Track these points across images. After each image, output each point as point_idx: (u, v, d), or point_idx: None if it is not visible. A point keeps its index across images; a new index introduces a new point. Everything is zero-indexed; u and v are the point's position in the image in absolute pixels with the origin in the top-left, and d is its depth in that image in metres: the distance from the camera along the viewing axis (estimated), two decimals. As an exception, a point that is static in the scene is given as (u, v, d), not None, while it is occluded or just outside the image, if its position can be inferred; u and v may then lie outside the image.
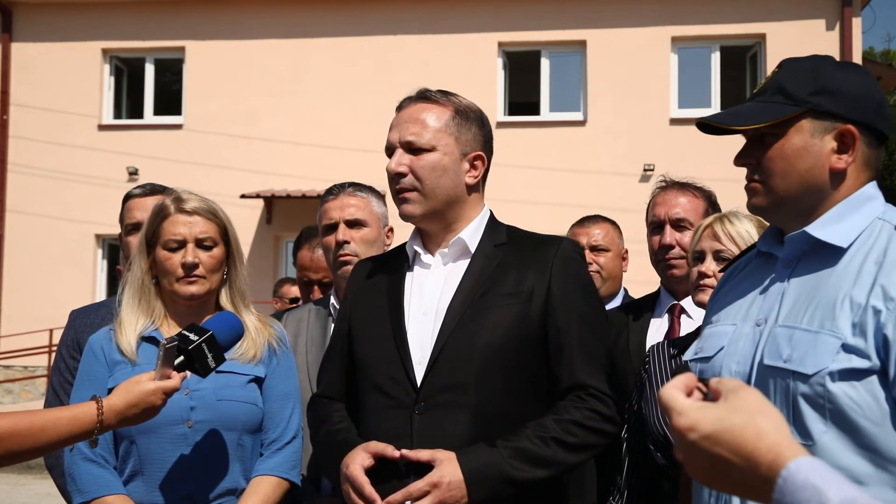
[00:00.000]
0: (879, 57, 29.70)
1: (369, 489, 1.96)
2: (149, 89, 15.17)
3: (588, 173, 13.73)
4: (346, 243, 2.80)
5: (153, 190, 2.96)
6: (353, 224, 2.84)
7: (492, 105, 13.67)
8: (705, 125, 1.74)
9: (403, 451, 1.97)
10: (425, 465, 1.95)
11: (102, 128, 14.89)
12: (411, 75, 12.68)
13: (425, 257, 2.20)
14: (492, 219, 2.24)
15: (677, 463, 1.14)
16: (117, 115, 15.41)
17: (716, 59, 14.24)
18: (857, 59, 13.57)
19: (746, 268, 1.84)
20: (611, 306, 3.28)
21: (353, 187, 2.93)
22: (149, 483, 2.26)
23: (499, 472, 1.94)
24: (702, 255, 2.41)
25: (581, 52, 14.31)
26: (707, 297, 2.20)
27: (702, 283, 2.37)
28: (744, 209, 1.91)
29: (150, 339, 2.33)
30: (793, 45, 12.86)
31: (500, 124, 13.76)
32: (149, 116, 15.18)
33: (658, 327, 2.87)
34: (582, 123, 14.19)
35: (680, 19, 14.02)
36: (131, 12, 14.85)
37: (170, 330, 2.34)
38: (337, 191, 2.92)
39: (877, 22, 59.29)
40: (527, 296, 2.08)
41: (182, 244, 2.34)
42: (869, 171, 1.68)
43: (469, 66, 13.94)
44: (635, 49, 13.97)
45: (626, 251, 3.62)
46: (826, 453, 1.49)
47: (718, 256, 2.37)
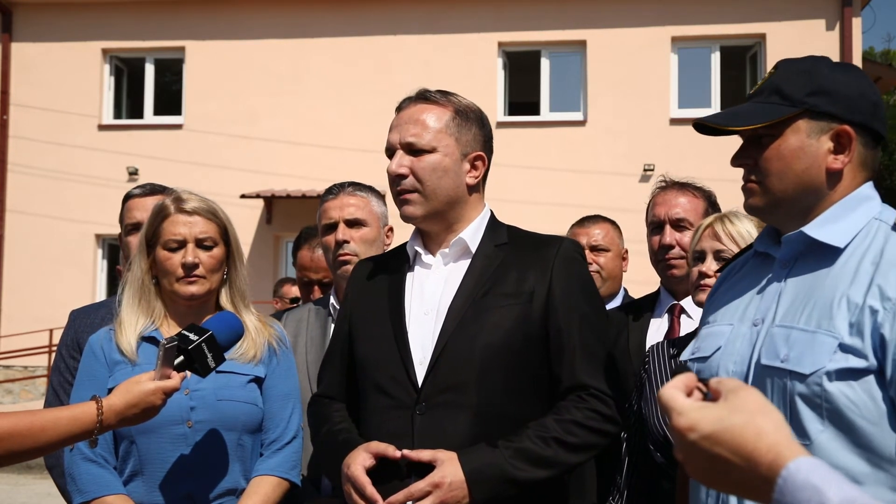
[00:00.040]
0: (879, 57, 29.69)
1: (371, 489, 1.95)
2: (149, 89, 15.16)
3: (588, 173, 13.73)
4: (346, 243, 2.80)
5: (153, 190, 2.96)
6: (353, 223, 2.84)
7: (492, 105, 13.67)
8: (702, 126, 1.74)
9: (405, 452, 1.97)
10: (426, 466, 1.95)
11: (102, 128, 14.89)
12: (411, 75, 12.68)
13: (426, 257, 2.20)
14: (492, 219, 2.24)
15: (677, 463, 1.14)
16: (117, 115, 15.41)
17: (716, 59, 14.23)
18: (857, 59, 13.56)
19: (743, 268, 1.84)
20: (611, 306, 3.28)
21: (352, 187, 2.93)
22: (149, 483, 2.26)
23: (500, 473, 1.94)
24: (702, 255, 2.41)
25: (581, 52, 14.31)
26: (708, 298, 2.20)
27: (702, 283, 2.37)
28: (743, 209, 1.92)
29: (150, 339, 2.33)
30: (793, 45, 12.86)
31: (500, 124, 13.76)
32: (149, 116, 15.18)
33: (658, 327, 2.87)
34: (582, 123, 14.19)
35: (680, 19, 14.01)
36: (131, 12, 14.85)
37: (170, 330, 2.34)
38: (337, 190, 2.92)
39: (877, 22, 59.33)
40: (528, 296, 2.08)
41: (182, 244, 2.34)
42: (865, 171, 1.68)
43: (469, 66, 13.94)
44: (635, 49, 13.97)
45: (626, 251, 3.62)
46: (823, 453, 1.49)
47: (719, 256, 2.36)
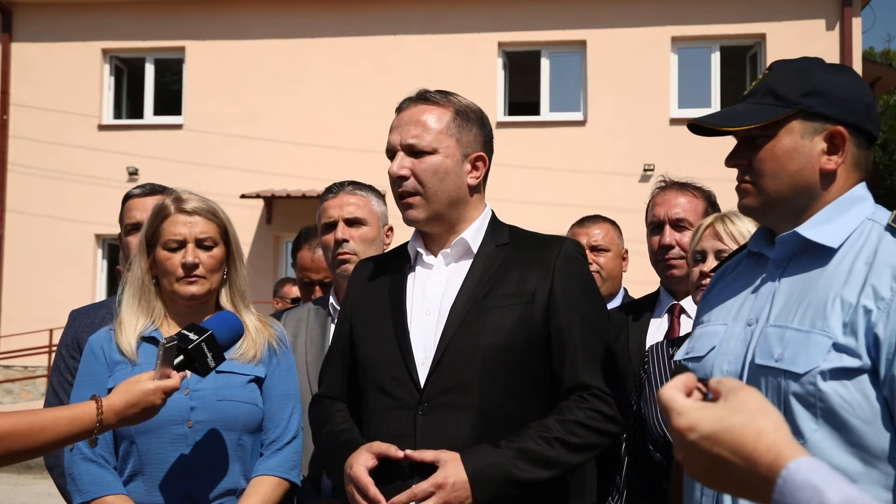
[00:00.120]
0: (879, 57, 29.69)
1: (373, 490, 1.95)
2: (149, 89, 15.16)
3: (588, 173, 13.73)
4: (345, 242, 2.80)
5: (153, 190, 2.95)
6: (353, 222, 2.83)
7: (492, 105, 13.67)
8: (697, 126, 1.74)
9: (407, 452, 1.97)
10: (429, 466, 1.95)
11: (102, 128, 14.89)
12: (411, 75, 12.69)
13: (427, 258, 2.19)
14: (493, 219, 2.23)
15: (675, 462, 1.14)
16: (117, 115, 15.40)
17: (716, 59, 14.23)
18: (857, 59, 13.56)
19: (737, 268, 1.85)
20: (611, 306, 3.28)
21: (352, 186, 2.92)
22: (149, 483, 2.26)
23: (503, 473, 1.94)
24: (703, 255, 2.41)
25: (581, 52, 14.31)
26: (708, 298, 2.20)
27: (703, 283, 2.37)
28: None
29: (150, 339, 2.33)
30: (793, 45, 12.86)
31: (500, 124, 13.75)
32: (149, 116, 15.17)
33: (658, 327, 2.87)
34: (582, 123, 14.19)
35: (680, 19, 14.01)
36: (131, 12, 14.85)
37: (170, 330, 2.34)
38: (336, 189, 2.92)
39: (877, 22, 59.38)
40: (529, 296, 2.08)
41: (182, 244, 2.34)
42: (859, 172, 1.69)
43: (469, 66, 13.94)
44: (635, 49, 13.97)
45: (626, 251, 3.62)
46: (817, 452, 1.49)
47: (720, 256, 2.36)
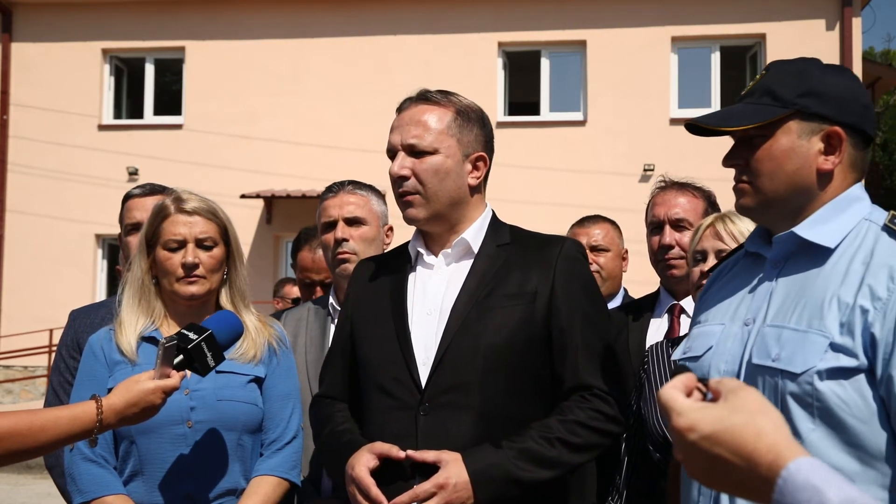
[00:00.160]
0: (879, 57, 29.69)
1: (375, 490, 1.95)
2: (149, 89, 15.16)
3: (588, 173, 13.73)
4: (345, 241, 2.79)
5: (153, 190, 2.95)
6: (352, 222, 2.83)
7: (492, 105, 13.66)
8: (694, 126, 1.75)
9: (409, 452, 1.97)
10: (430, 466, 1.95)
11: (102, 128, 14.89)
12: (411, 75, 12.68)
13: (428, 258, 2.19)
14: (494, 219, 2.23)
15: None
16: (117, 115, 15.40)
17: (716, 59, 14.23)
18: (857, 59, 13.56)
19: (734, 268, 1.85)
20: (611, 306, 3.28)
21: (352, 185, 2.92)
22: (149, 483, 2.26)
23: (504, 473, 1.94)
24: (704, 255, 2.41)
25: (581, 52, 14.31)
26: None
27: (703, 283, 2.36)
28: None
29: (150, 339, 2.33)
30: (793, 45, 12.86)
31: (500, 124, 13.75)
32: (149, 116, 15.17)
33: (658, 327, 2.87)
34: (582, 123, 14.19)
35: (680, 19, 14.01)
36: (131, 12, 14.85)
37: (170, 330, 2.34)
38: (336, 188, 2.91)
39: (877, 22, 59.37)
40: (530, 296, 2.08)
41: (182, 244, 2.34)
42: (855, 172, 1.69)
43: (469, 66, 13.94)
44: (635, 49, 13.96)
45: (626, 251, 3.62)
46: (814, 451, 1.49)
47: (721, 256, 2.36)
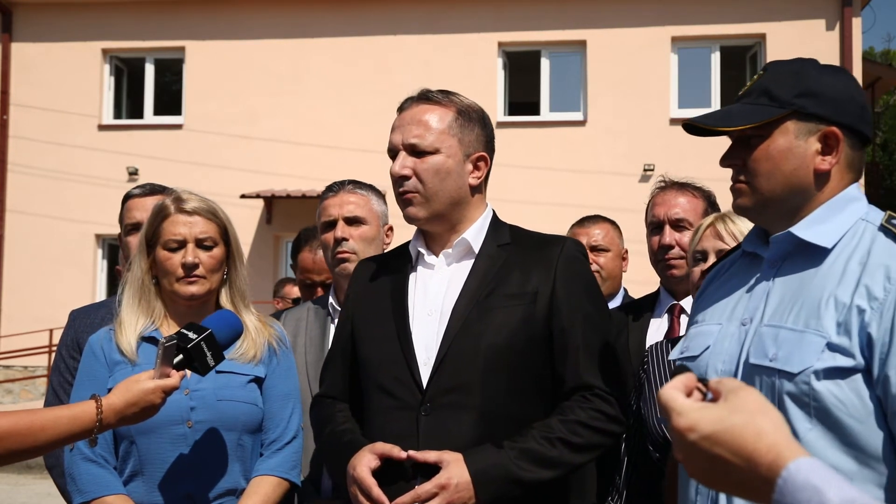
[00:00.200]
0: (879, 57, 29.71)
1: (377, 491, 1.95)
2: (149, 89, 15.16)
3: (588, 173, 13.73)
4: (345, 240, 2.79)
5: (153, 190, 2.95)
6: (352, 221, 2.82)
7: (492, 105, 13.66)
8: (692, 126, 1.75)
9: (410, 453, 1.97)
10: (432, 467, 1.94)
11: (102, 128, 14.89)
12: (411, 75, 12.68)
13: (429, 258, 2.19)
14: (495, 219, 2.23)
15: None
16: (117, 115, 15.40)
17: (716, 59, 14.23)
18: (857, 59, 13.56)
19: (732, 268, 1.86)
20: (611, 306, 3.28)
21: (353, 185, 2.91)
22: (149, 483, 2.26)
23: (506, 473, 1.94)
24: (705, 255, 2.40)
25: (581, 52, 14.31)
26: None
27: (704, 282, 2.37)
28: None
29: (150, 340, 2.33)
30: (793, 45, 12.86)
31: (500, 124, 13.75)
32: (149, 116, 15.17)
33: (658, 327, 2.87)
34: (582, 123, 14.19)
35: (680, 19, 14.01)
36: (131, 12, 14.85)
37: (170, 330, 2.34)
38: (337, 188, 2.91)
39: (877, 22, 59.43)
40: (531, 296, 2.08)
41: (182, 244, 2.34)
42: (852, 172, 1.70)
43: (469, 66, 13.94)
44: (635, 49, 13.96)
45: (626, 251, 3.62)
46: (811, 451, 1.49)
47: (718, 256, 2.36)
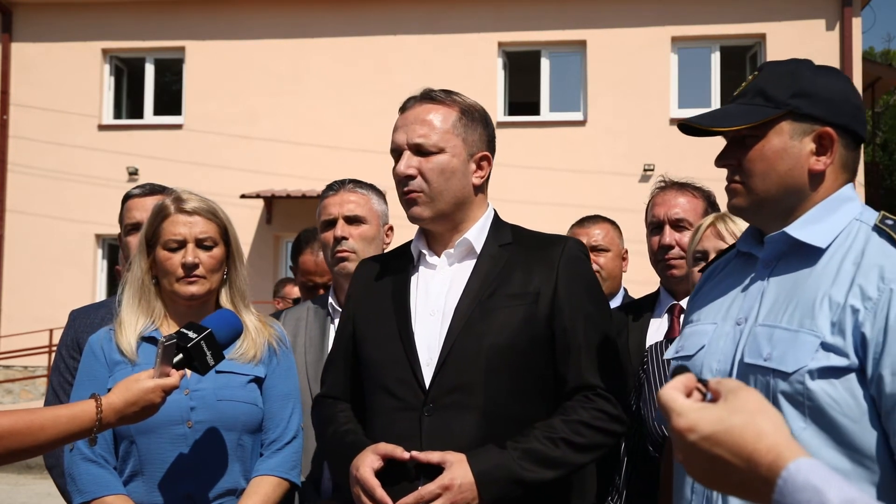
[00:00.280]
0: (879, 57, 29.71)
1: (380, 492, 1.95)
2: (149, 89, 15.16)
3: (588, 173, 13.73)
4: (345, 239, 2.78)
5: (153, 190, 2.95)
6: (352, 220, 2.82)
7: (492, 105, 13.66)
8: (688, 126, 1.75)
9: (413, 453, 1.96)
10: (435, 467, 1.94)
11: (102, 128, 14.89)
12: (411, 75, 12.68)
13: (430, 258, 2.19)
14: (496, 218, 2.23)
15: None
16: (117, 115, 15.40)
17: (716, 59, 14.23)
18: (857, 59, 13.56)
19: (726, 268, 1.86)
20: (610, 306, 3.28)
21: (353, 184, 2.91)
22: (149, 483, 2.26)
23: (509, 474, 1.94)
24: (705, 255, 2.40)
25: (581, 52, 14.31)
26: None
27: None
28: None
29: (150, 340, 2.33)
30: (793, 45, 12.86)
31: (500, 124, 13.74)
32: (149, 116, 15.17)
33: (658, 327, 2.87)
34: (582, 123, 14.19)
35: (680, 19, 14.01)
36: (131, 12, 14.85)
37: (170, 330, 2.34)
38: (337, 187, 2.90)
39: (877, 22, 59.47)
40: (533, 296, 2.08)
41: (182, 244, 2.34)
42: (846, 172, 1.71)
43: (469, 66, 13.94)
44: (635, 49, 13.96)
45: (626, 251, 3.62)
46: (805, 450, 1.50)
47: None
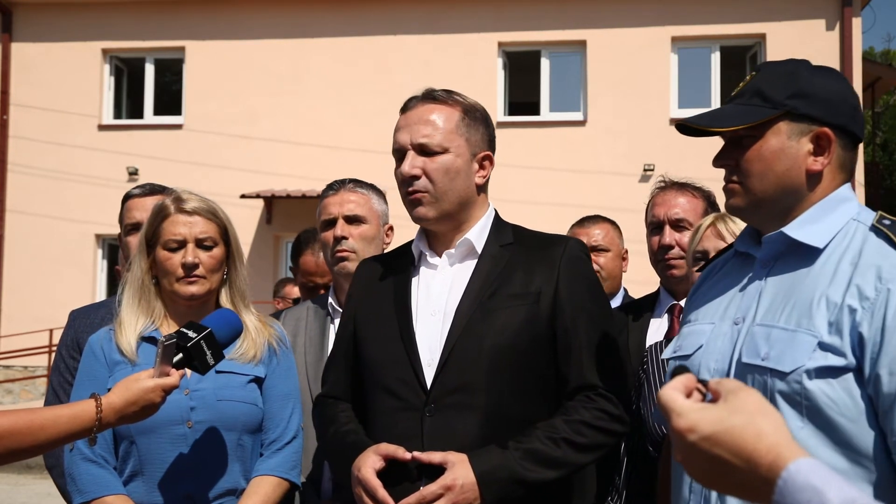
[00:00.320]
0: (879, 57, 29.72)
1: (383, 492, 1.95)
2: (149, 89, 15.16)
3: (588, 173, 13.73)
4: (345, 239, 2.78)
5: (153, 190, 2.95)
6: (352, 220, 2.81)
7: (492, 105, 13.66)
8: (686, 127, 1.75)
9: (415, 454, 1.96)
10: (437, 467, 1.94)
11: (102, 128, 14.89)
12: (411, 75, 12.70)
13: (431, 258, 2.18)
14: (497, 218, 2.23)
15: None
16: (117, 115, 15.40)
17: (716, 59, 14.23)
18: (857, 59, 13.56)
19: (724, 267, 1.86)
20: (610, 306, 3.28)
21: (353, 183, 2.90)
22: (149, 483, 2.26)
23: (510, 474, 1.94)
24: (705, 255, 2.40)
25: (581, 52, 14.31)
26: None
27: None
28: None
29: (150, 340, 2.33)
30: (793, 45, 12.86)
31: (500, 124, 13.74)
32: (149, 116, 15.17)
33: (658, 327, 2.87)
34: (582, 123, 14.19)
35: (680, 19, 14.01)
36: (131, 12, 14.85)
37: (169, 330, 2.33)
38: (337, 186, 2.90)
39: (877, 22, 59.50)
40: (535, 296, 2.08)
41: (182, 244, 2.34)
42: (844, 173, 1.71)
43: (469, 66, 13.94)
44: (635, 49, 13.96)
45: (626, 251, 3.62)
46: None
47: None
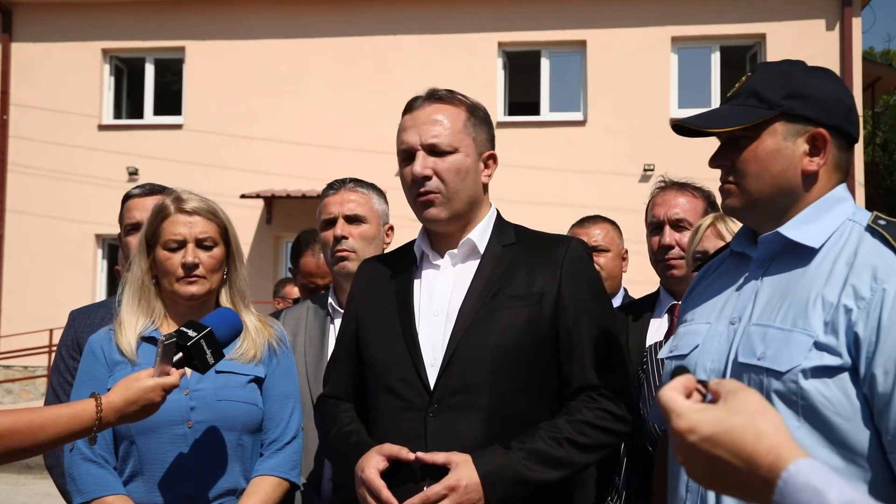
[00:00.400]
0: (879, 57, 29.72)
1: (386, 493, 1.94)
2: (149, 89, 15.16)
3: (588, 173, 13.73)
4: (345, 238, 2.77)
5: (153, 190, 2.95)
6: (353, 220, 2.81)
7: (492, 105, 13.66)
8: (682, 127, 1.76)
9: (419, 454, 1.96)
10: (440, 468, 1.94)
11: (102, 128, 14.89)
12: (411, 75, 12.71)
13: (434, 258, 2.18)
14: (499, 218, 2.23)
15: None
16: (117, 115, 15.40)
17: (716, 59, 14.23)
18: (857, 59, 13.56)
19: (720, 267, 1.87)
20: (611, 306, 3.28)
21: (354, 183, 2.90)
22: (149, 483, 2.26)
23: (514, 474, 1.94)
24: (705, 255, 2.41)
25: (581, 52, 14.31)
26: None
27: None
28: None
29: (150, 340, 2.33)
30: (793, 45, 12.87)
31: (500, 124, 13.74)
32: (149, 116, 15.17)
33: (658, 327, 2.87)
34: (582, 123, 14.19)
35: (680, 19, 14.01)
36: (131, 12, 14.85)
37: (169, 330, 2.33)
38: (338, 186, 2.89)
39: (877, 22, 59.48)
40: (537, 297, 2.07)
41: (182, 244, 2.34)
42: (839, 173, 1.72)
43: (469, 66, 13.94)
44: (635, 49, 13.96)
45: (626, 251, 3.62)
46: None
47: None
